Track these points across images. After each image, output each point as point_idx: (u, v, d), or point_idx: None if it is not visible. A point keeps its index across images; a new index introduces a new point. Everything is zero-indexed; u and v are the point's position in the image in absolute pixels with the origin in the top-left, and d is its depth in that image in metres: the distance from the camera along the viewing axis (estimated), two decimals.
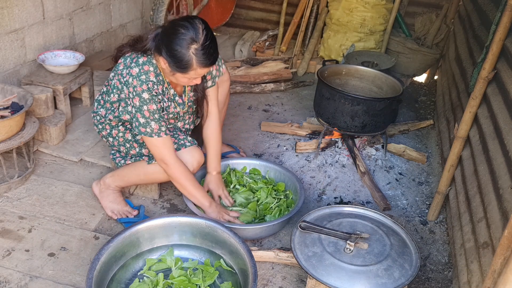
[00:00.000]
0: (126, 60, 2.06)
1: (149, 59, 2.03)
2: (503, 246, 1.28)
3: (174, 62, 1.92)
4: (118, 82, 2.07)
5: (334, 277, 1.76)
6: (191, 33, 1.86)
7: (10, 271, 1.93)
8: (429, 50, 4.07)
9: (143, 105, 2.01)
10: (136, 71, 2.00)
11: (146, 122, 2.03)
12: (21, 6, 2.74)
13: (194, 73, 1.95)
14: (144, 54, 2.03)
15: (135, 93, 2.00)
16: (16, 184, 2.39)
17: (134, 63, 2.02)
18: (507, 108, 1.97)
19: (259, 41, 4.58)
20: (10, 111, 2.34)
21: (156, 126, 2.04)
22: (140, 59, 2.02)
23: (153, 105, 2.02)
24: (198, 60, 1.89)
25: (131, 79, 1.99)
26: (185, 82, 2.03)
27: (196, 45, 1.87)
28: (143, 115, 2.02)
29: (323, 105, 2.86)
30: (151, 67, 2.02)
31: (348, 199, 2.63)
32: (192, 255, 2.02)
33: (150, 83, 2.01)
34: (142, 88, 1.99)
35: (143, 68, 2.00)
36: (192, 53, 1.88)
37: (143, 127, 2.04)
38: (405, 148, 3.01)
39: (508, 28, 2.06)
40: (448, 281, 2.14)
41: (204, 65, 1.93)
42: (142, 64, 2.01)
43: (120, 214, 2.29)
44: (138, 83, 1.99)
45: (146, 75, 2.00)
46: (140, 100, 2.00)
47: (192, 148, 2.22)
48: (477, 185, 2.08)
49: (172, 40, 1.89)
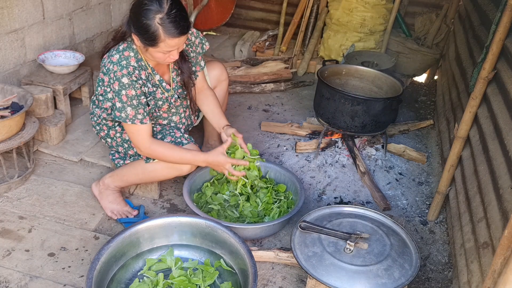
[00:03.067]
0: (110, 52, 2.06)
1: (129, 44, 2.03)
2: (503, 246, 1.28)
3: (142, 35, 1.91)
4: (102, 73, 2.08)
5: (334, 277, 1.76)
6: (155, 4, 1.85)
7: (10, 271, 1.93)
8: (429, 50, 4.07)
9: (122, 90, 1.99)
10: (116, 57, 2.00)
11: (122, 106, 2.02)
12: (21, 6, 2.74)
13: (165, 45, 1.91)
14: (123, 41, 2.04)
15: (115, 77, 1.99)
16: (16, 184, 2.39)
17: (115, 50, 2.02)
18: (507, 108, 1.97)
19: (259, 41, 4.58)
20: (10, 111, 2.34)
21: (132, 112, 2.02)
22: (120, 46, 2.03)
23: (131, 91, 2.00)
24: (165, 30, 1.87)
25: (112, 65, 1.99)
26: (161, 57, 1.99)
27: (161, 15, 1.85)
28: (120, 99, 2.01)
29: (323, 105, 2.86)
30: (131, 52, 2.02)
31: (348, 199, 2.63)
32: (192, 255, 2.02)
33: (130, 68, 2.00)
34: (122, 73, 1.98)
35: (123, 54, 2.00)
36: (158, 23, 1.85)
37: (118, 111, 2.03)
38: (405, 148, 3.01)
39: (508, 28, 2.06)
40: (448, 281, 2.14)
41: (172, 35, 1.89)
42: (123, 50, 2.01)
43: (120, 214, 2.28)
44: (118, 68, 1.98)
45: (127, 60, 2.00)
46: (119, 84, 1.99)
47: (190, 145, 2.21)
48: (477, 185, 2.08)
49: (137, 13, 1.88)
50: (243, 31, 4.97)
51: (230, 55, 4.46)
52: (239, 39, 4.65)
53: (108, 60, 2.02)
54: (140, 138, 2.08)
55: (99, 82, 2.16)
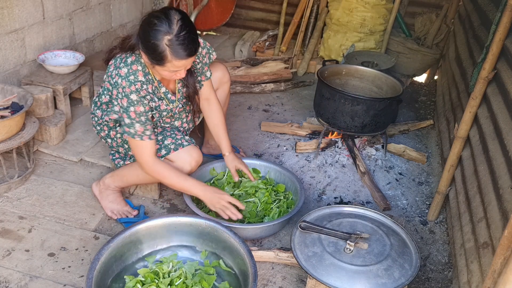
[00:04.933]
0: (116, 61, 2.05)
1: (137, 58, 2.02)
2: (503, 246, 1.28)
3: (149, 54, 1.90)
4: (109, 83, 2.07)
5: (334, 277, 1.76)
6: (164, 24, 1.83)
7: (10, 271, 1.93)
8: (429, 50, 4.07)
9: (130, 106, 1.99)
10: (124, 71, 1.98)
11: (131, 123, 2.02)
12: (21, 6, 2.74)
13: (171, 65, 1.90)
14: (133, 54, 2.02)
15: (124, 93, 1.98)
16: (16, 184, 2.39)
17: (123, 63, 2.01)
18: (507, 108, 1.97)
19: (259, 41, 4.58)
20: (10, 111, 2.34)
21: (141, 128, 2.03)
22: (128, 59, 2.01)
23: (140, 107, 2.00)
24: (172, 51, 1.85)
25: (120, 79, 1.98)
26: (167, 75, 1.98)
27: (170, 36, 1.83)
28: (129, 115, 2.01)
29: (323, 105, 2.86)
30: (139, 66, 2.01)
31: (348, 199, 2.63)
32: (192, 255, 2.02)
33: (138, 84, 1.99)
34: (131, 89, 1.97)
35: (131, 68, 1.99)
36: (166, 44, 1.84)
37: (127, 127, 2.03)
38: (405, 148, 3.01)
39: (508, 28, 2.06)
40: (448, 281, 2.14)
41: (180, 57, 1.87)
42: (131, 63, 2.00)
43: (120, 214, 2.29)
44: (126, 84, 1.97)
45: (135, 75, 1.99)
46: (128, 101, 1.99)
47: (190, 147, 2.21)
48: (477, 185, 2.08)
49: (146, 31, 1.87)
50: (243, 31, 4.97)
51: (230, 55, 4.46)
52: (239, 39, 4.65)
53: (115, 72, 2.00)
54: (145, 155, 2.08)
55: (104, 91, 2.15)
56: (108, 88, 2.10)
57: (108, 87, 2.09)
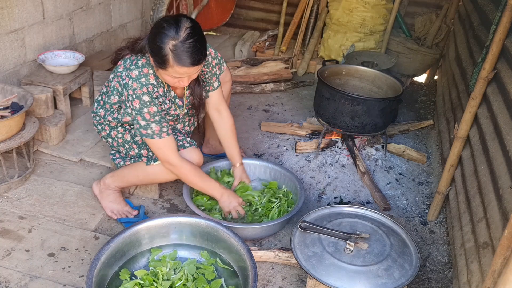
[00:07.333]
0: (126, 62, 2.05)
1: (148, 61, 2.02)
2: (503, 246, 1.28)
3: (153, 56, 1.90)
4: (118, 84, 2.07)
5: (334, 277, 1.76)
6: (173, 29, 1.83)
7: (10, 271, 1.93)
8: (429, 50, 4.07)
9: (144, 108, 1.99)
10: (135, 73, 1.99)
11: (147, 124, 2.02)
12: (21, 6, 2.74)
13: (173, 71, 1.89)
14: (143, 56, 2.02)
15: (135, 95, 1.98)
16: (16, 184, 2.39)
17: (134, 65, 2.01)
18: (507, 108, 1.97)
19: (259, 41, 4.58)
20: (10, 111, 2.34)
21: (157, 127, 2.03)
22: (139, 61, 2.01)
23: (153, 108, 2.01)
24: (175, 57, 1.84)
25: (131, 81, 1.98)
26: (169, 81, 1.98)
27: (175, 42, 1.83)
28: (143, 117, 2.01)
29: (323, 105, 2.86)
30: (150, 70, 2.01)
31: (348, 199, 2.63)
32: (192, 255, 2.02)
33: (150, 86, 2.00)
34: (143, 91, 1.98)
35: (142, 70, 1.99)
36: (170, 48, 1.84)
37: (144, 129, 2.04)
38: (405, 148, 3.01)
39: (508, 28, 2.06)
40: (448, 281, 2.14)
41: (182, 64, 1.86)
42: (142, 66, 2.00)
43: (120, 214, 2.29)
44: (138, 86, 1.97)
45: (146, 77, 1.99)
46: (140, 102, 1.99)
47: (191, 149, 2.22)
48: (477, 185, 2.08)
49: (154, 34, 1.88)
50: (243, 31, 4.97)
51: (230, 55, 4.46)
52: (239, 39, 4.65)
53: (126, 73, 2.00)
54: (170, 152, 2.08)
55: (114, 91, 2.13)
56: (117, 88, 2.10)
57: (117, 87, 2.08)
